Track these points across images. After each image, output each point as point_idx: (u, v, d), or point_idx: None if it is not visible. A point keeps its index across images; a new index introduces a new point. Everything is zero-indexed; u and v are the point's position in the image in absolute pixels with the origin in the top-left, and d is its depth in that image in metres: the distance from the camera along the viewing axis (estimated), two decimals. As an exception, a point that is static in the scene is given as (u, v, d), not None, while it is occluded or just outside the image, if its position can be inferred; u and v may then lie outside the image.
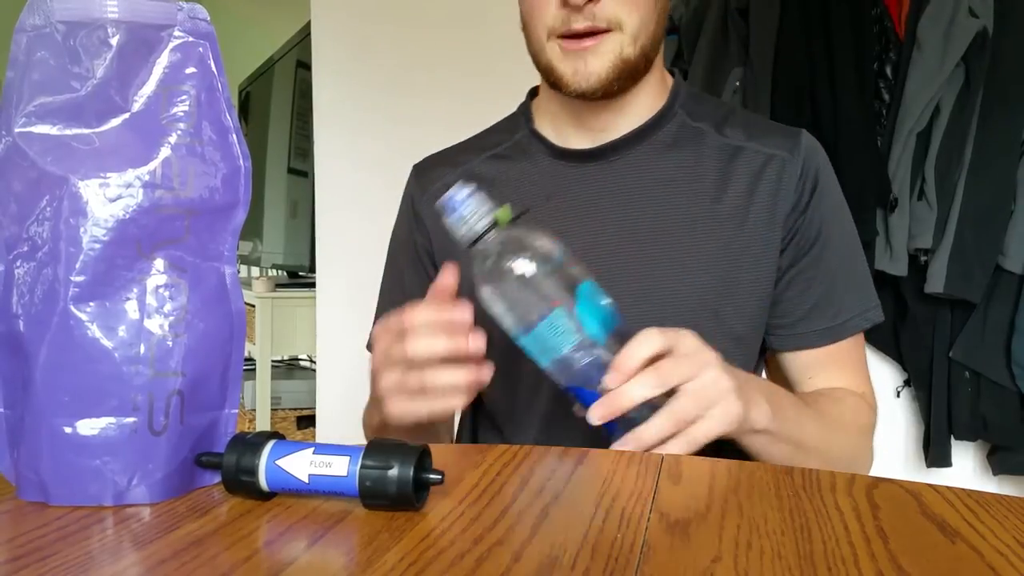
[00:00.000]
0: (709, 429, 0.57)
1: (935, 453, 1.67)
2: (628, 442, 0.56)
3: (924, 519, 0.41)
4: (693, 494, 0.44)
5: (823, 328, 0.77)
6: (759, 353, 0.80)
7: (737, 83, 1.70)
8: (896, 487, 0.46)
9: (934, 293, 1.59)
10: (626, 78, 0.72)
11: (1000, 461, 1.66)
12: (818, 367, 0.79)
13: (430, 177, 0.86)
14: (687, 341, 0.59)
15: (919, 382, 1.71)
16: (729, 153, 0.76)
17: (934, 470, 1.69)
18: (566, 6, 0.68)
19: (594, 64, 0.70)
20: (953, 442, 1.68)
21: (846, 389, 0.78)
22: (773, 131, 0.78)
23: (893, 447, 1.79)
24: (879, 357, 1.76)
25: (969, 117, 1.56)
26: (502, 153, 0.83)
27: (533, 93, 0.87)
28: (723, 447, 0.65)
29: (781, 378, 0.82)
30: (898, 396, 1.79)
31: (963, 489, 0.45)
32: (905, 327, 1.70)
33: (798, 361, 0.79)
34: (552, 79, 0.73)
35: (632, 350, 0.56)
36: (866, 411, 0.78)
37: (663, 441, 0.56)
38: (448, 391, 0.59)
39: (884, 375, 1.77)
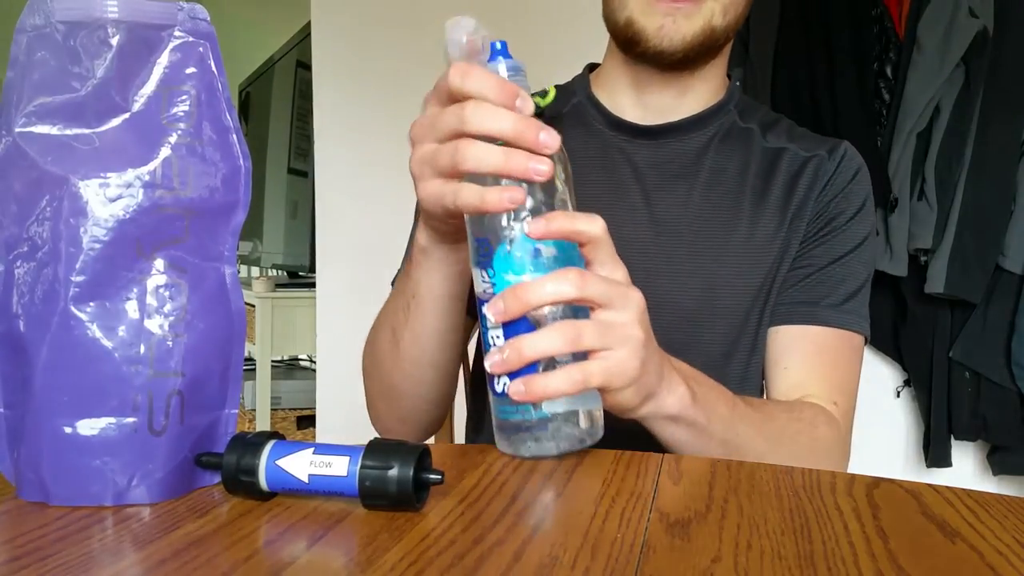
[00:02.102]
0: (597, 372, 0.48)
1: (935, 453, 1.67)
2: (506, 348, 0.47)
3: (924, 519, 0.41)
4: (693, 494, 0.44)
5: (816, 305, 0.74)
6: None
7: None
8: (896, 487, 0.46)
9: (934, 293, 1.59)
10: (707, 50, 0.72)
11: (1000, 461, 1.66)
12: (799, 355, 0.74)
13: None
14: (621, 268, 0.51)
15: (919, 382, 1.71)
16: (771, 157, 0.78)
17: (934, 470, 1.69)
18: None
19: (684, 24, 0.69)
20: (953, 442, 1.68)
21: (809, 402, 0.72)
22: (815, 138, 0.80)
23: (893, 447, 1.79)
24: (879, 357, 1.76)
25: (969, 117, 1.56)
26: (556, 116, 0.82)
27: (590, 68, 0.86)
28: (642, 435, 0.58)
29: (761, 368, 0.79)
30: (898, 396, 1.79)
31: (963, 489, 0.45)
32: (905, 327, 1.70)
33: (782, 342, 0.75)
34: (629, 34, 0.71)
35: (570, 219, 0.48)
36: (824, 425, 0.70)
37: (547, 359, 0.47)
38: (485, 176, 0.47)
39: (884, 375, 1.77)
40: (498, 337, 0.49)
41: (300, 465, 0.41)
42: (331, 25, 2.10)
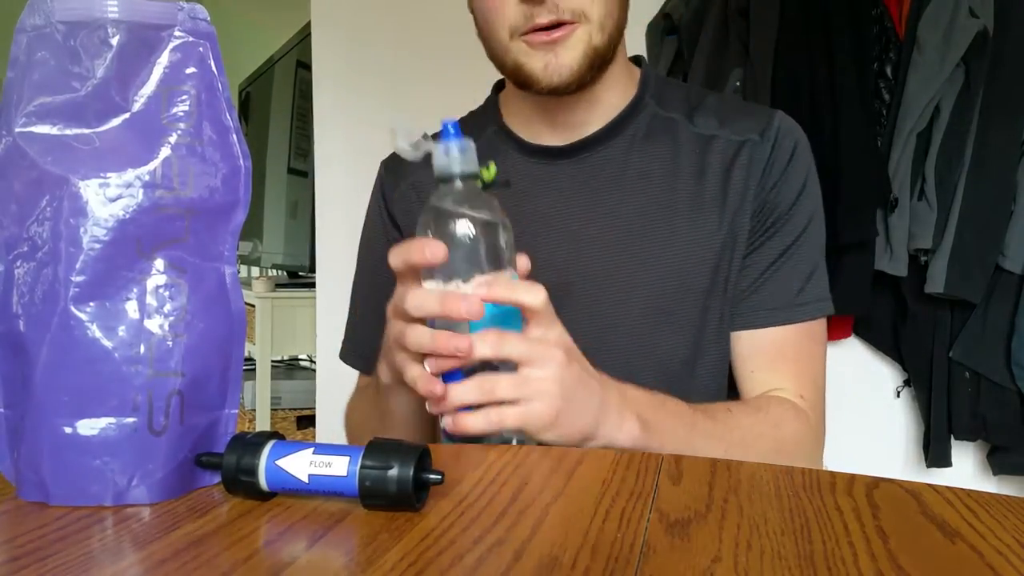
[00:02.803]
0: (512, 416, 0.54)
1: (935, 453, 1.67)
2: (432, 394, 0.54)
3: (924, 519, 0.41)
4: (693, 494, 0.44)
5: (772, 307, 0.74)
6: None
7: (737, 83, 1.70)
8: (896, 487, 0.46)
9: (934, 293, 1.59)
10: (597, 68, 0.71)
11: (1000, 461, 1.66)
12: (762, 358, 0.75)
13: (399, 172, 0.84)
14: (554, 330, 0.56)
15: (919, 382, 1.71)
16: (702, 143, 0.75)
17: (934, 470, 1.69)
18: (528, 1, 0.66)
19: (565, 56, 0.68)
20: (953, 442, 1.68)
21: (777, 397, 0.73)
22: (745, 115, 0.76)
23: (893, 447, 1.79)
24: (879, 357, 1.76)
25: (969, 117, 1.56)
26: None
27: (499, 86, 0.85)
28: None
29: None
30: (898, 396, 1.79)
31: (963, 489, 0.45)
32: (905, 327, 1.70)
33: (744, 347, 0.75)
34: (521, 78, 0.71)
35: (511, 289, 0.54)
36: (792, 421, 0.71)
37: (466, 408, 0.54)
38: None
39: (884, 375, 1.77)
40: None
41: (300, 465, 0.41)
42: (331, 25, 2.10)
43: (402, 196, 0.84)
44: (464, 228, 0.54)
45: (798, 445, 0.71)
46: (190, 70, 0.44)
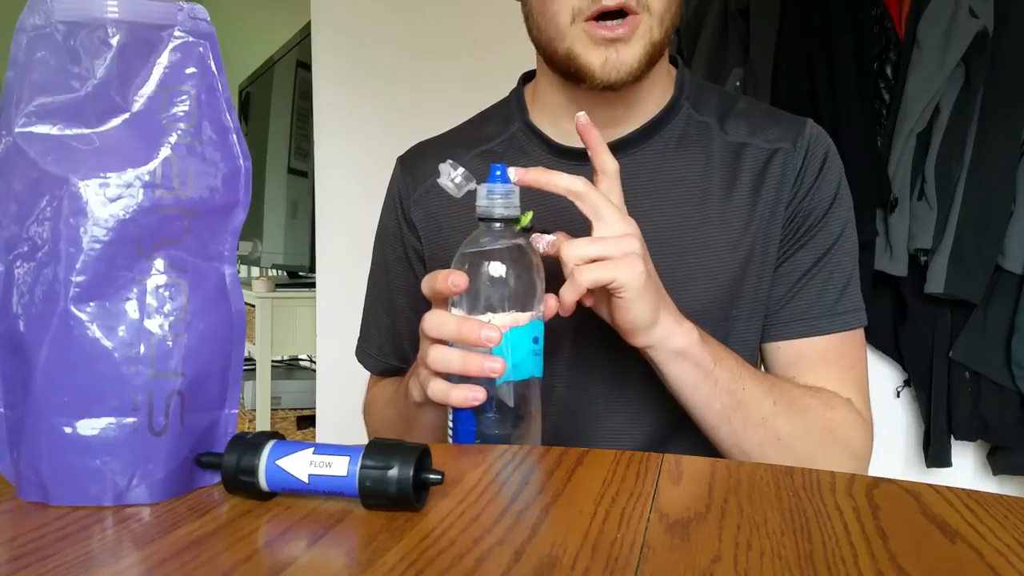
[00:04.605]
0: (603, 268, 0.57)
1: (935, 453, 1.67)
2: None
3: (924, 519, 0.41)
4: (693, 494, 0.44)
5: (810, 317, 0.73)
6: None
7: (737, 83, 1.70)
8: (896, 487, 0.46)
9: (934, 293, 1.59)
10: (653, 64, 0.69)
11: (1000, 461, 1.66)
12: (805, 364, 0.73)
13: (419, 174, 0.81)
14: (630, 225, 0.61)
15: (919, 382, 1.71)
16: (734, 151, 0.74)
17: (934, 470, 1.69)
18: None
19: (626, 54, 0.66)
20: (953, 442, 1.68)
21: (829, 390, 0.71)
22: (776, 122, 0.75)
23: (893, 447, 1.79)
24: (879, 357, 1.76)
25: (969, 117, 1.56)
26: (495, 149, 0.79)
27: (526, 78, 0.82)
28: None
29: None
30: (898, 396, 1.79)
31: (963, 489, 0.45)
32: (905, 327, 1.70)
33: (784, 356, 0.74)
34: (573, 69, 0.68)
35: (548, 175, 0.60)
36: (844, 408, 0.70)
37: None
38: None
39: (884, 375, 1.77)
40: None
41: (300, 465, 0.41)
42: (331, 25, 2.10)
43: (422, 198, 0.80)
44: (493, 268, 0.57)
45: (848, 430, 0.70)
46: (190, 70, 0.44)
